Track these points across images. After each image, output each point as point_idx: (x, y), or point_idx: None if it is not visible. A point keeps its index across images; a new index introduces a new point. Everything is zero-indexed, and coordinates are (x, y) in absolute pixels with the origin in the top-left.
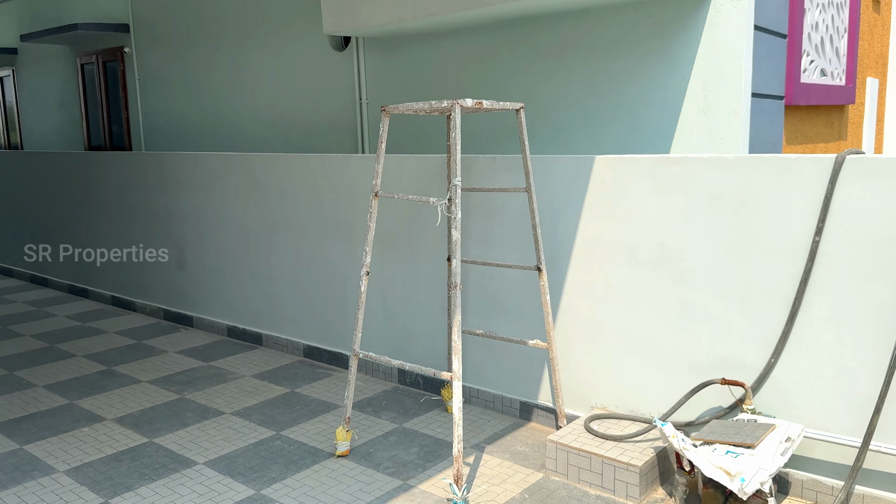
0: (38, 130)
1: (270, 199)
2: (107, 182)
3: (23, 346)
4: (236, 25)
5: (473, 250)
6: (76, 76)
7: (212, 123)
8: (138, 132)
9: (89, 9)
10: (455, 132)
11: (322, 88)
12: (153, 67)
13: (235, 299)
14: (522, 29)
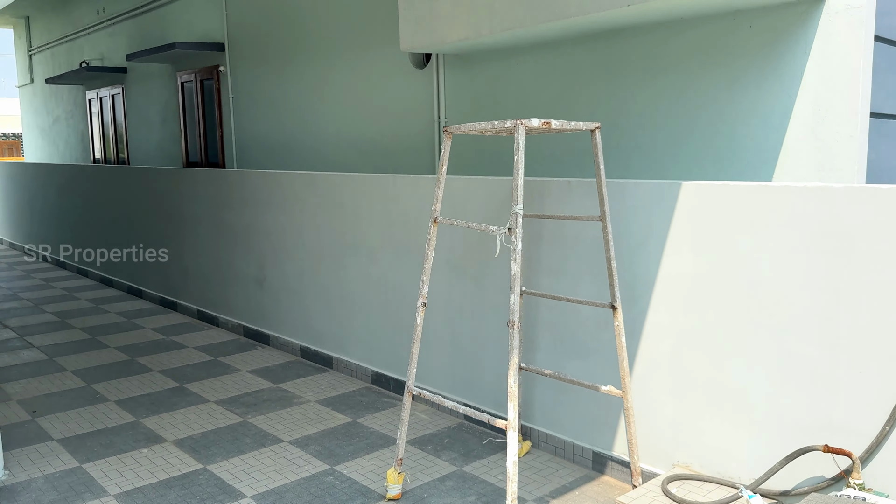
0: (142, 146)
1: (343, 220)
2: (197, 198)
3: (106, 358)
4: (322, 44)
5: (544, 281)
6: (177, 94)
7: (297, 142)
8: (231, 150)
9: (189, 29)
10: (518, 154)
11: (401, 107)
12: (245, 86)
13: (309, 319)
14: (607, 42)
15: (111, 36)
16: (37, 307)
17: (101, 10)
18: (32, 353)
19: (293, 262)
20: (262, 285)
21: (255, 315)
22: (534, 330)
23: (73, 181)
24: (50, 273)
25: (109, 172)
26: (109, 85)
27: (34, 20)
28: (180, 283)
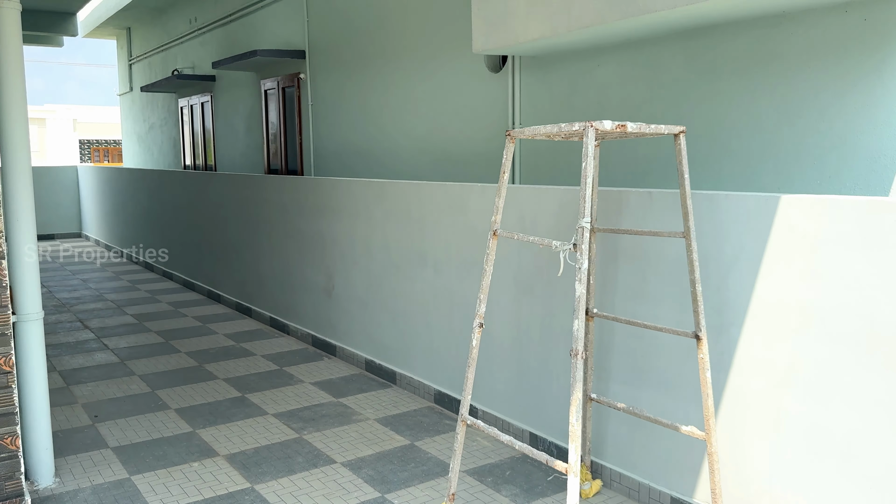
0: (228, 153)
1: (410, 230)
2: (271, 205)
3: (175, 363)
4: (398, 50)
5: (620, 303)
6: (260, 102)
7: (372, 150)
8: (309, 157)
9: (273, 36)
10: (586, 161)
11: (475, 113)
12: (324, 93)
13: (375, 332)
14: (699, 40)
15: (202, 45)
16: (119, 309)
17: (193, 19)
18: (106, 355)
19: (360, 272)
20: (331, 295)
21: (323, 325)
22: (608, 357)
23: (161, 186)
24: (138, 275)
25: (193, 178)
26: (200, 93)
27: (134, 31)
28: (255, 289)
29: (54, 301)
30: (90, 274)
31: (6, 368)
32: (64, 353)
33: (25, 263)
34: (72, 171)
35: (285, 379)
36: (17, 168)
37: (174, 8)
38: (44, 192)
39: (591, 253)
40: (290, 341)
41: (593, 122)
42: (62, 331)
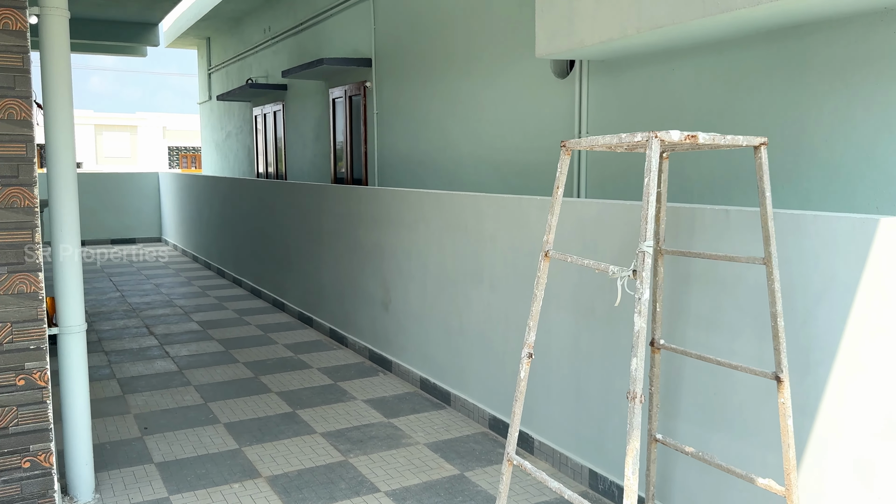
0: (297, 162)
1: (465, 244)
2: (332, 215)
3: (231, 374)
4: (462, 57)
5: (691, 333)
6: (328, 110)
7: (434, 159)
8: (373, 166)
9: (342, 44)
10: (649, 176)
11: (540, 122)
12: (389, 101)
13: (430, 349)
14: (785, 41)
15: (275, 54)
16: (186, 315)
17: (267, 28)
18: (166, 363)
19: (417, 286)
20: (388, 308)
21: (380, 339)
22: (676, 393)
23: (232, 193)
24: (209, 281)
25: (260, 186)
26: (272, 102)
27: (214, 41)
28: (316, 299)
29: (125, 306)
30: (164, 279)
31: (41, 383)
32: (126, 359)
33: (69, 276)
34: (153, 178)
35: (338, 395)
36: (63, 179)
37: (250, 17)
38: (126, 198)
39: (657, 277)
40: (347, 354)
41: (658, 133)
42: (128, 336)
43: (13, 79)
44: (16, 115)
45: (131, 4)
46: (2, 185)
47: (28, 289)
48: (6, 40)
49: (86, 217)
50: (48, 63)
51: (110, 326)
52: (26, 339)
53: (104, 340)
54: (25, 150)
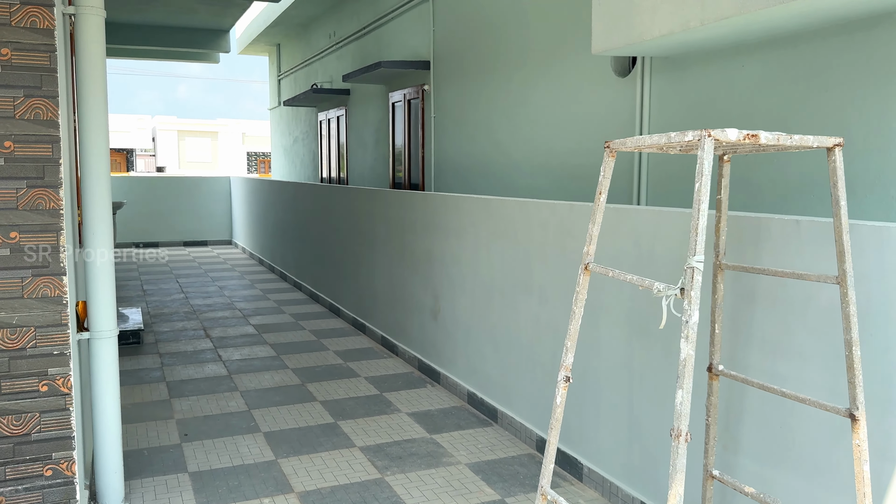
0: (358, 167)
1: (514, 252)
2: (387, 220)
3: (279, 380)
4: (518, 58)
5: (755, 358)
6: (388, 114)
7: (489, 164)
8: (430, 171)
9: (402, 47)
10: (701, 180)
11: (600, 123)
12: (446, 105)
13: (478, 362)
14: (869, 32)
15: (338, 59)
16: (244, 318)
17: (332, 33)
18: (216, 367)
19: (466, 295)
20: (437, 318)
21: (428, 349)
22: (737, 424)
23: (294, 198)
24: (271, 284)
25: (319, 191)
26: (336, 106)
27: (283, 47)
28: (370, 305)
29: (187, 308)
30: (228, 281)
31: (64, 390)
32: (178, 362)
33: (100, 279)
34: (225, 182)
35: (382, 406)
36: (96, 182)
37: (317, 23)
38: (199, 201)
39: (716, 295)
40: (396, 363)
41: (712, 131)
42: (184, 339)
43: (40, 78)
44: (42, 116)
45: (202, 11)
46: (27, 187)
47: (52, 293)
48: (33, 39)
49: (159, 219)
50: (82, 64)
51: (169, 328)
52: (50, 345)
53: (161, 342)
54: (51, 150)
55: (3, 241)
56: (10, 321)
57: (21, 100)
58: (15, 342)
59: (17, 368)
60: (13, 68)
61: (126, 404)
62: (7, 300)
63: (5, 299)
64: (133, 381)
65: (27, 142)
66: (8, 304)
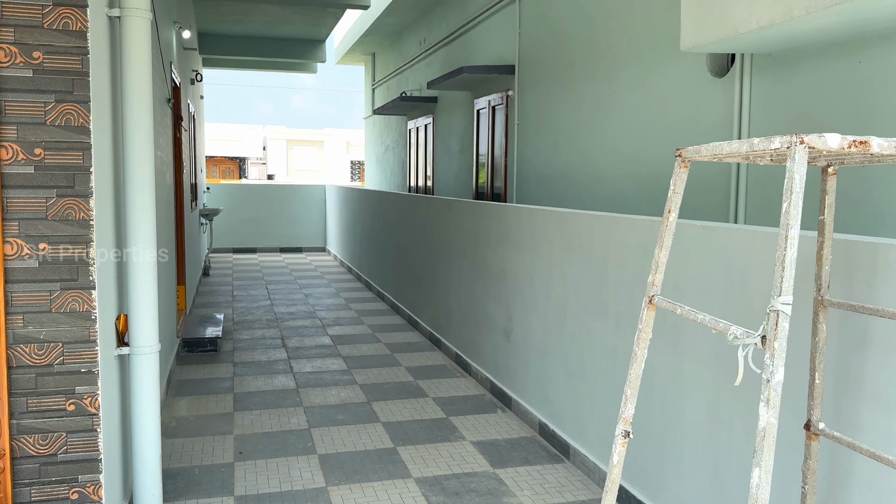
0: (443, 175)
1: (590, 271)
2: (462, 232)
3: (346, 396)
4: (605, 58)
5: (865, 415)
6: (473, 122)
7: (574, 173)
8: (512, 180)
9: (487, 52)
10: (790, 199)
11: (693, 128)
12: (530, 111)
13: (550, 390)
14: None
15: (427, 66)
16: (322, 328)
17: (422, 41)
18: (286, 379)
19: (539, 315)
20: (509, 338)
21: (501, 371)
22: (843, 493)
23: (380, 207)
24: (356, 293)
25: (402, 200)
26: (424, 115)
27: (378, 56)
28: (445, 320)
29: (270, 315)
30: (315, 289)
31: (91, 410)
32: (249, 372)
33: (141, 291)
34: (320, 190)
35: (446, 432)
36: (139, 190)
37: (409, 31)
38: (296, 209)
39: (817, 337)
40: (468, 384)
41: (805, 137)
42: (260, 347)
43: (72, 83)
44: (73, 122)
45: (297, 21)
46: (57, 196)
47: (81, 307)
48: (66, 41)
49: (257, 226)
50: (126, 68)
51: (248, 336)
52: (77, 362)
53: (237, 351)
54: (82, 158)
55: (31, 253)
56: (37, 336)
57: (52, 105)
58: (42, 358)
59: (43, 385)
60: (44, 72)
61: (189, 416)
62: (35, 314)
63: (33, 313)
64: (202, 390)
65: (58, 149)
66: (36, 319)
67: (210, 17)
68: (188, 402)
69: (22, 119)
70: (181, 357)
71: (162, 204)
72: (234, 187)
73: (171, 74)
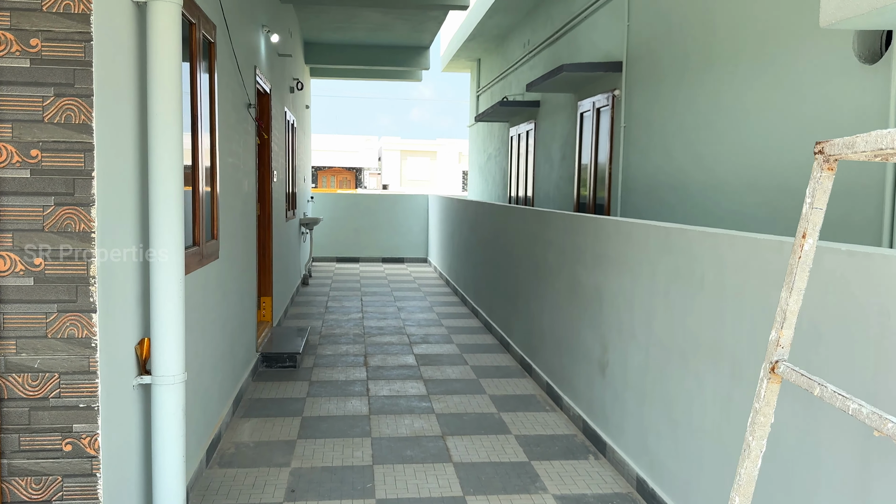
0: (543, 184)
1: (700, 302)
2: (555, 247)
3: (419, 428)
4: (726, 48)
5: None
6: (575, 126)
7: (687, 182)
8: (616, 190)
9: (594, 49)
10: None
11: (835, 127)
12: (638, 112)
13: (650, 440)
14: None
15: (531, 68)
16: (409, 346)
17: (526, 42)
18: (360, 404)
19: (638, 349)
20: (605, 372)
21: (595, 409)
22: None
23: (476, 218)
24: (450, 308)
25: (496, 211)
26: (526, 120)
27: (483, 62)
28: (537, 344)
29: (358, 329)
30: (409, 302)
31: (90, 451)
32: (324, 394)
33: (166, 315)
34: (423, 200)
35: (526, 481)
36: (165, 198)
37: (513, 33)
38: (398, 218)
39: None
40: (558, 420)
41: None
42: (341, 365)
43: (73, 74)
44: (74, 119)
45: (399, 27)
46: (55, 205)
47: (79, 333)
48: (66, 26)
49: (360, 235)
50: (153, 60)
51: (332, 352)
52: (75, 395)
53: (317, 368)
54: (83, 161)
55: (26, 270)
56: (31, 364)
57: (51, 100)
58: (37, 390)
59: (38, 421)
60: (42, 62)
61: (250, 442)
62: (29, 339)
63: (27, 338)
64: (270, 411)
65: (56, 150)
66: (30, 344)
67: (313, 25)
68: (253, 426)
69: (17, 116)
70: (259, 373)
71: (235, 213)
72: (339, 197)
73: (256, 79)
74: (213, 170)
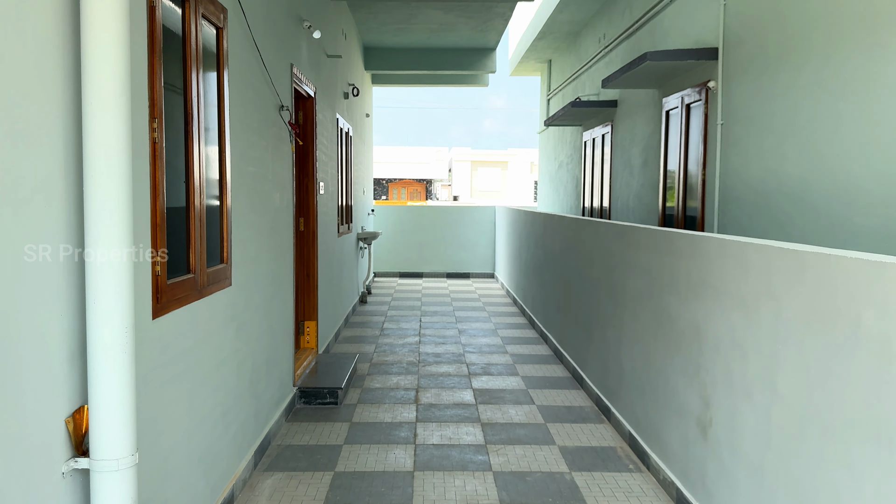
0: (622, 194)
1: (847, 353)
2: (639, 270)
3: (470, 493)
4: (859, 16)
5: None
6: (660, 126)
7: (808, 189)
8: (713, 200)
9: (683, 36)
10: None
11: None
12: (739, 106)
13: None
14: None
15: (607, 65)
16: (467, 378)
17: (602, 37)
18: (404, 455)
19: (754, 410)
20: (706, 433)
21: (693, 478)
22: None
23: (544, 232)
24: (516, 331)
25: (565, 225)
26: (601, 123)
27: (554, 62)
28: (616, 383)
29: (413, 357)
30: (472, 324)
31: None
32: (364, 439)
33: (109, 375)
34: (490, 212)
35: None
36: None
37: (587, 28)
38: (464, 232)
39: None
40: (645, 486)
41: None
42: (389, 402)
43: None
44: None
45: (462, 27)
46: None
47: None
48: None
49: (424, 250)
50: (87, 29)
51: (380, 384)
52: None
53: (361, 405)
54: None
55: None
56: None
57: None
58: None
59: None
60: None
61: None
62: None
63: None
64: (300, 464)
65: None
66: None
67: (371, 27)
68: (274, 485)
69: None
70: (295, 410)
71: (260, 230)
72: (402, 209)
73: (294, 79)
74: (221, 181)
